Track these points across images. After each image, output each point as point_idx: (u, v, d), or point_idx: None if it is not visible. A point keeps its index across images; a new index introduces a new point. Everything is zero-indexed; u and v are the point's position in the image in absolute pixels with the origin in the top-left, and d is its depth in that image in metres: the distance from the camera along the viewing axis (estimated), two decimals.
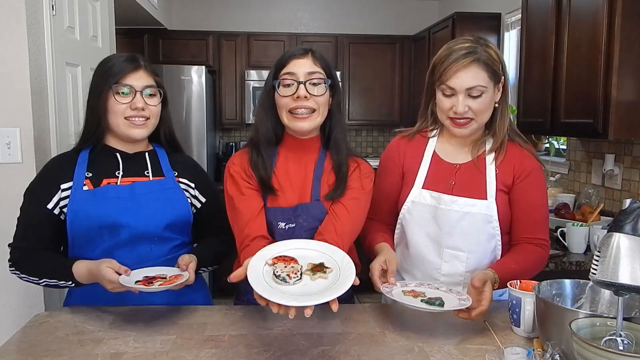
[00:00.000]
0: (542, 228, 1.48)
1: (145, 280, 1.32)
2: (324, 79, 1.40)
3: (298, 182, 1.48)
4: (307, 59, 1.40)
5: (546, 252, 1.49)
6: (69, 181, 1.44)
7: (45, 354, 1.18)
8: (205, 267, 1.51)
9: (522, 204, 1.48)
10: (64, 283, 1.40)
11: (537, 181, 1.49)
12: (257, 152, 1.45)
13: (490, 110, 1.46)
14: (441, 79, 1.42)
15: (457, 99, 1.40)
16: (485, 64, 1.40)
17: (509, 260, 1.43)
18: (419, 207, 1.51)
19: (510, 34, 3.76)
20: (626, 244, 0.94)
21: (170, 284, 1.30)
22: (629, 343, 0.96)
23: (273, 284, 1.05)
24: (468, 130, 1.46)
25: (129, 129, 1.45)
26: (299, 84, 1.38)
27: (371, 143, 5.45)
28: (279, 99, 1.41)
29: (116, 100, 1.42)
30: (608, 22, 2.04)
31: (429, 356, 1.18)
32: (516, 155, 1.49)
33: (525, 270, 1.41)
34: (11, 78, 1.89)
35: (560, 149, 3.11)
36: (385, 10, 5.20)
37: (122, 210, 1.43)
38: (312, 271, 1.11)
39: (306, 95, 1.37)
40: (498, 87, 1.45)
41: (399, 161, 1.57)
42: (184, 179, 1.56)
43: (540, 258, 1.47)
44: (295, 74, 1.38)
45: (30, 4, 1.92)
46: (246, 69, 4.77)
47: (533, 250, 1.46)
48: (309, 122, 1.40)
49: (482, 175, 1.48)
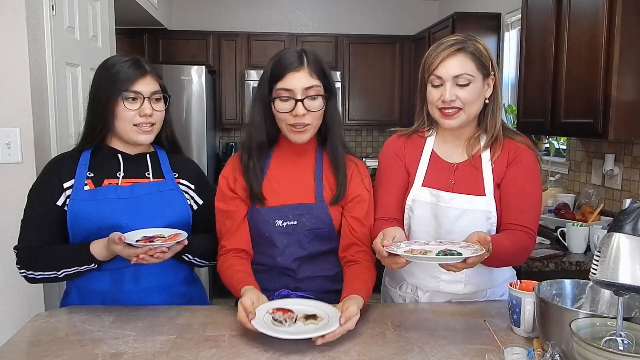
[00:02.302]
0: (530, 217, 1.45)
1: (146, 240, 1.34)
2: (319, 93, 1.40)
3: (297, 181, 1.49)
4: (304, 72, 1.38)
5: (532, 242, 1.45)
6: (71, 179, 1.45)
7: (45, 354, 1.18)
8: (192, 254, 1.50)
9: (512, 189, 1.46)
10: (85, 267, 1.40)
11: (529, 169, 1.47)
12: (248, 157, 1.46)
13: (480, 103, 1.45)
14: (429, 69, 1.43)
15: (445, 88, 1.41)
16: (472, 54, 1.41)
17: (504, 238, 1.38)
18: (419, 205, 1.50)
19: (510, 34, 3.76)
20: (626, 244, 0.94)
21: (170, 241, 1.33)
22: (629, 343, 0.96)
23: (271, 325, 1.23)
24: (457, 122, 1.44)
25: (137, 135, 1.46)
26: (296, 102, 1.37)
27: (371, 143, 5.44)
28: (276, 112, 1.41)
29: (125, 107, 1.43)
30: (608, 22, 2.04)
31: (429, 356, 1.18)
32: (511, 146, 1.49)
33: (516, 254, 1.40)
34: (11, 78, 1.90)
35: (560, 149, 3.11)
36: (385, 10, 5.20)
37: (122, 211, 1.43)
38: (305, 319, 1.26)
39: (304, 113, 1.38)
40: (488, 81, 1.45)
41: (402, 156, 1.57)
42: (184, 180, 1.57)
43: (526, 247, 1.43)
44: (292, 91, 1.38)
45: (30, 4, 1.92)
46: (246, 69, 4.77)
47: (522, 237, 1.42)
48: (307, 134, 1.43)
49: (478, 173, 1.48)
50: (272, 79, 1.40)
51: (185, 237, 1.35)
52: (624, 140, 2.45)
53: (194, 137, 4.31)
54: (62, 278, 1.43)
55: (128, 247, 1.31)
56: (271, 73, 1.41)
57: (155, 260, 1.33)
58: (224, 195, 1.50)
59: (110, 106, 1.43)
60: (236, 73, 4.82)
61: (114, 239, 1.30)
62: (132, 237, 1.34)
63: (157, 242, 1.33)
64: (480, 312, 1.43)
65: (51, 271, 1.41)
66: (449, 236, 1.46)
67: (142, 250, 1.30)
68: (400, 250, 1.25)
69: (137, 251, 1.31)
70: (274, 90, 1.40)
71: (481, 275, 1.50)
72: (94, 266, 1.40)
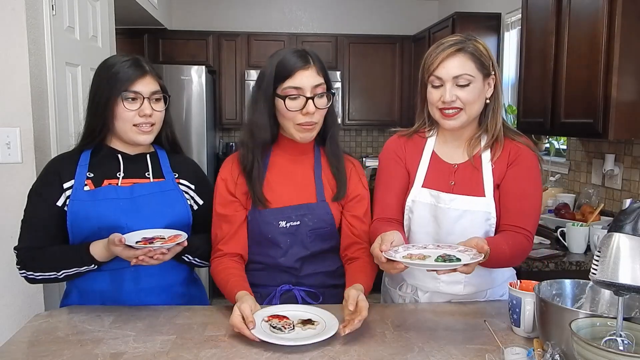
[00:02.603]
0: (529, 219, 1.44)
1: (146, 241, 1.34)
2: (324, 91, 1.42)
3: (298, 181, 1.49)
4: (312, 70, 1.40)
5: (529, 244, 1.43)
6: (71, 179, 1.44)
7: (45, 354, 1.18)
8: (192, 254, 1.50)
9: (512, 190, 1.45)
10: (85, 268, 1.40)
11: (530, 170, 1.46)
12: (252, 157, 1.46)
13: (481, 103, 1.45)
14: (429, 70, 1.43)
15: (445, 89, 1.40)
16: (472, 54, 1.40)
17: (502, 241, 1.37)
18: (419, 206, 1.50)
19: (510, 34, 3.76)
20: (626, 244, 0.94)
21: (170, 243, 1.33)
22: (629, 343, 0.96)
23: (271, 333, 1.23)
24: (458, 122, 1.44)
25: (137, 135, 1.46)
26: (307, 100, 1.38)
27: (371, 143, 5.44)
28: (285, 111, 1.40)
29: (125, 107, 1.42)
30: (608, 22, 2.04)
31: (429, 356, 1.18)
32: (512, 147, 1.48)
33: (514, 256, 1.39)
34: (11, 78, 1.89)
35: (560, 149, 3.11)
36: (385, 10, 5.20)
37: (121, 211, 1.43)
38: (302, 324, 1.27)
39: (314, 111, 1.39)
40: (488, 81, 1.44)
41: (402, 156, 1.56)
42: (184, 180, 1.57)
43: (524, 250, 1.42)
44: (302, 89, 1.38)
45: (30, 4, 1.92)
46: (246, 69, 4.77)
47: (520, 240, 1.41)
48: (314, 132, 1.45)
49: (479, 173, 1.48)
50: (278, 78, 1.40)
51: (185, 238, 1.35)
52: (624, 140, 2.45)
53: (194, 137, 4.30)
54: (62, 279, 1.43)
55: (128, 248, 1.31)
56: (276, 72, 1.40)
57: (155, 262, 1.33)
58: (222, 199, 1.49)
59: (110, 106, 1.42)
60: (236, 73, 4.82)
61: (113, 240, 1.29)
62: (132, 239, 1.34)
63: (157, 244, 1.33)
64: (480, 312, 1.43)
65: (51, 272, 1.41)
66: (449, 237, 1.45)
67: (141, 252, 1.30)
68: (399, 255, 1.24)
69: (136, 253, 1.31)
70: (281, 89, 1.39)
71: (481, 276, 1.50)
72: (93, 267, 1.40)
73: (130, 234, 1.36)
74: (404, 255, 1.25)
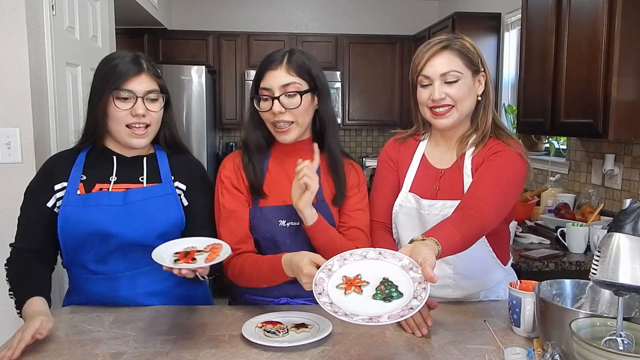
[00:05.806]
0: (492, 199, 1.32)
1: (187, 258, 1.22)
2: (298, 90, 1.39)
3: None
4: (281, 70, 1.38)
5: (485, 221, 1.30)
6: (63, 181, 1.42)
7: (45, 354, 1.18)
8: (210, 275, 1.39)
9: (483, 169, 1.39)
10: (16, 306, 1.33)
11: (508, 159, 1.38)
12: (248, 158, 1.47)
13: (472, 100, 1.43)
14: (417, 70, 1.43)
15: (434, 87, 1.40)
16: (459, 51, 1.40)
17: (454, 230, 1.23)
18: (404, 210, 1.50)
19: (510, 34, 3.76)
20: (626, 244, 0.94)
21: (215, 255, 1.22)
22: (629, 343, 0.96)
23: (265, 337, 1.24)
24: (450, 120, 1.42)
25: (130, 138, 1.41)
26: (273, 100, 1.38)
27: (371, 143, 5.45)
28: (260, 112, 1.42)
29: (116, 107, 1.37)
30: (608, 22, 2.04)
31: (429, 356, 1.18)
32: (495, 144, 1.43)
33: (466, 242, 1.26)
34: (11, 78, 1.89)
35: (560, 149, 3.11)
36: (385, 10, 5.20)
37: (113, 218, 1.38)
38: (296, 328, 1.29)
39: (281, 111, 1.38)
40: (478, 78, 1.44)
41: (395, 161, 1.57)
42: (179, 182, 1.50)
43: (480, 231, 1.32)
44: (270, 89, 1.39)
45: (30, 4, 1.92)
46: (246, 69, 4.77)
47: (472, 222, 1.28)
48: (290, 134, 1.42)
49: (461, 174, 1.46)
50: (256, 79, 1.43)
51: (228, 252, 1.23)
52: (624, 140, 2.45)
53: (194, 137, 4.31)
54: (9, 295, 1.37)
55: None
56: (256, 74, 1.44)
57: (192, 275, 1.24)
58: (230, 195, 1.46)
59: (103, 104, 1.37)
60: (236, 73, 4.83)
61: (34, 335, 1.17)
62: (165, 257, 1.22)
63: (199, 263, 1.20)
64: (480, 312, 1.43)
65: (11, 284, 1.37)
66: None
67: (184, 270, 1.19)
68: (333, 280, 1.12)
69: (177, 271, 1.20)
70: (258, 90, 1.42)
71: (470, 279, 1.49)
72: (18, 313, 1.32)
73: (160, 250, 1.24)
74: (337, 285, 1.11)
